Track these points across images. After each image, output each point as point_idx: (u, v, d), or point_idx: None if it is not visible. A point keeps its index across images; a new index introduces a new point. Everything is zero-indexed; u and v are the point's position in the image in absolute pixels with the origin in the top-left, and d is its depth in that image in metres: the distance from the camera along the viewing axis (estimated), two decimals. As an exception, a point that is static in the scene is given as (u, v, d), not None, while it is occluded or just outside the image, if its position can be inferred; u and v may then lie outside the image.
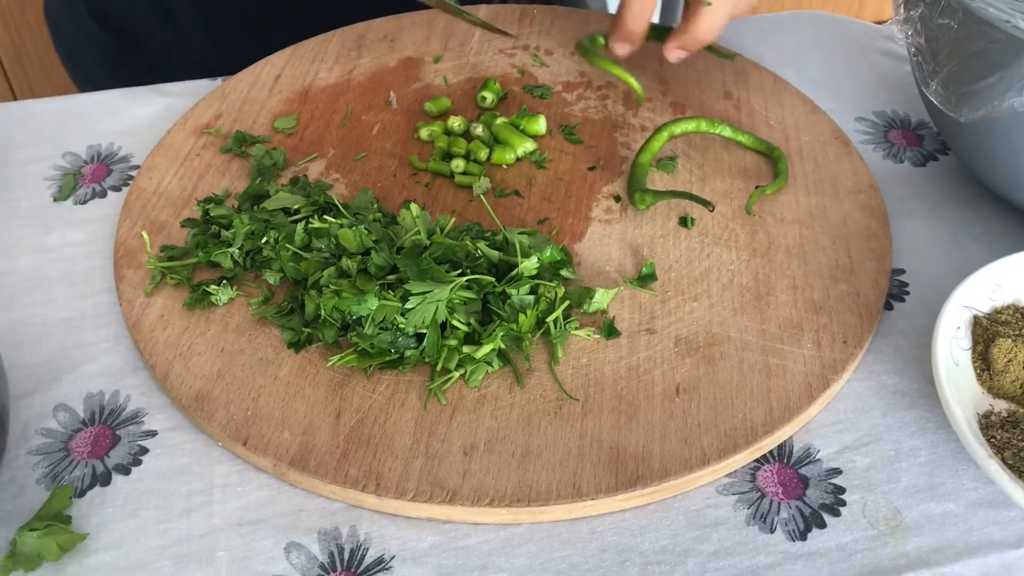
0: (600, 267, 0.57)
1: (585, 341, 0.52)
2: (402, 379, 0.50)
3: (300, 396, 0.50)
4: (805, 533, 0.46)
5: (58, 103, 0.72)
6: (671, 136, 0.63)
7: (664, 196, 0.59)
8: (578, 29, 0.76)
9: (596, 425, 0.48)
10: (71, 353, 0.54)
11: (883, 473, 0.48)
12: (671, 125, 0.63)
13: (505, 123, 0.65)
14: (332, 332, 0.51)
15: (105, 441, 0.49)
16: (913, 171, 0.66)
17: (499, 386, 0.50)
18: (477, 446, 0.48)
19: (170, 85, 0.73)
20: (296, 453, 0.47)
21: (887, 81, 0.73)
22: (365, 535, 0.46)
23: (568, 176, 0.63)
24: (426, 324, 0.49)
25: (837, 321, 0.53)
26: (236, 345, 0.52)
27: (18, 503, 0.47)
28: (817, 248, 0.58)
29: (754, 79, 0.71)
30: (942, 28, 0.54)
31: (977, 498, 0.47)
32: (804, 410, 0.49)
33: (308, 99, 0.69)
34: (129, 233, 0.59)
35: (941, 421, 0.50)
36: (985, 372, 0.50)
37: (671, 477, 0.46)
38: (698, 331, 0.53)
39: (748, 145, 0.64)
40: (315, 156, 0.64)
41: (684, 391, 0.50)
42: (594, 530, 0.46)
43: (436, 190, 0.62)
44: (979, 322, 0.51)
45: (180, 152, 0.64)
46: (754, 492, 0.47)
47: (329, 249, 0.54)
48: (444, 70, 0.72)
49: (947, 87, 0.54)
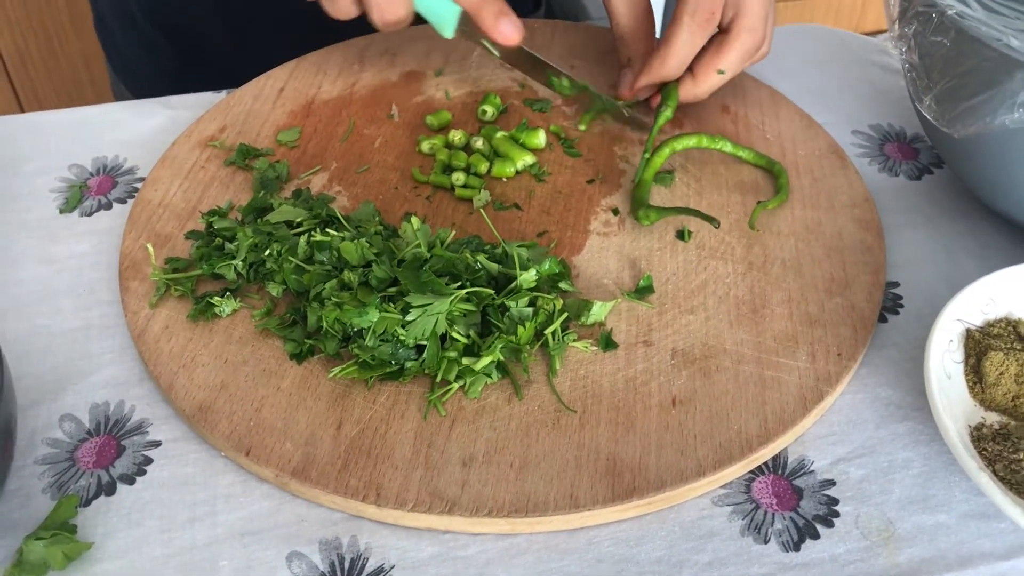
0: (598, 279, 0.58)
1: (583, 353, 0.53)
2: (402, 390, 0.51)
3: (302, 407, 0.50)
4: (799, 544, 0.46)
5: (65, 115, 0.73)
6: (672, 152, 0.64)
7: (668, 212, 0.60)
8: (579, 43, 0.77)
9: (593, 436, 0.49)
10: (77, 364, 0.54)
11: (876, 485, 0.49)
12: (672, 141, 0.64)
13: (505, 137, 0.66)
14: (334, 344, 0.52)
15: (110, 451, 0.50)
16: (908, 184, 0.66)
17: (498, 397, 0.51)
18: (476, 457, 0.48)
19: (174, 98, 0.74)
20: (298, 464, 0.48)
21: (883, 94, 0.74)
22: (365, 545, 0.46)
23: (567, 189, 0.64)
24: (426, 336, 0.50)
25: (832, 334, 0.54)
26: (239, 356, 0.53)
27: (24, 512, 0.48)
28: (812, 261, 0.59)
29: (751, 93, 0.72)
30: (935, 45, 0.54)
31: (969, 510, 0.48)
32: (799, 422, 0.50)
33: (311, 112, 0.70)
34: (134, 245, 0.60)
35: (934, 433, 0.51)
36: (977, 385, 0.50)
37: (667, 488, 0.47)
38: (694, 343, 0.54)
39: (749, 160, 0.65)
40: (318, 169, 0.65)
41: (680, 403, 0.51)
42: (591, 540, 0.47)
43: (437, 203, 0.63)
44: (972, 335, 0.52)
45: (184, 165, 0.65)
46: (749, 503, 0.48)
47: (331, 262, 0.54)
48: (445, 84, 0.73)
49: (940, 103, 0.55)
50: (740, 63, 0.65)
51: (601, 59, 0.75)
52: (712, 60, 0.64)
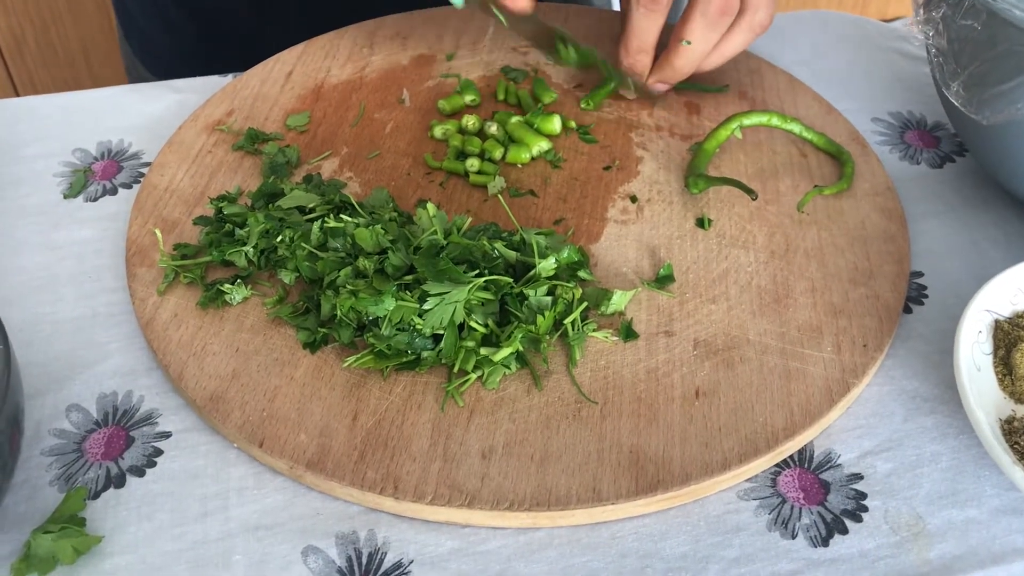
0: (617, 268, 0.56)
1: (603, 343, 0.52)
2: (419, 380, 0.50)
3: (316, 397, 0.49)
4: (827, 539, 0.45)
5: (67, 99, 0.71)
6: (740, 127, 0.63)
7: (715, 182, 0.59)
8: (591, 27, 0.75)
9: (615, 428, 0.48)
10: (83, 352, 0.53)
11: (905, 479, 0.48)
12: (741, 116, 0.63)
13: (520, 122, 0.65)
14: (348, 333, 0.50)
15: (119, 442, 0.49)
16: (930, 173, 0.65)
17: (517, 388, 0.50)
18: (495, 449, 0.47)
19: (180, 81, 0.72)
20: (313, 455, 0.47)
21: (903, 81, 0.73)
22: (383, 539, 0.45)
23: (583, 176, 0.63)
24: (444, 325, 0.49)
25: (856, 324, 0.53)
26: (251, 345, 0.52)
27: (32, 505, 0.46)
28: (835, 250, 0.57)
29: (769, 79, 0.71)
30: (965, 29, 0.53)
31: (1000, 505, 0.47)
32: (825, 414, 0.49)
33: (320, 96, 0.68)
34: (141, 231, 0.58)
35: (962, 426, 0.50)
36: (1007, 377, 0.49)
37: (692, 482, 0.46)
38: (717, 333, 0.53)
39: (818, 145, 0.64)
40: (328, 154, 0.64)
41: (704, 395, 0.50)
42: (614, 535, 0.45)
43: (450, 189, 0.62)
44: (1000, 326, 0.51)
45: (192, 149, 0.64)
46: (775, 497, 0.47)
47: (345, 249, 0.53)
48: (457, 67, 0.71)
49: (969, 89, 0.54)
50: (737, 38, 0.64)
51: (614, 43, 0.73)
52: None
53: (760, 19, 0.63)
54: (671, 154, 0.64)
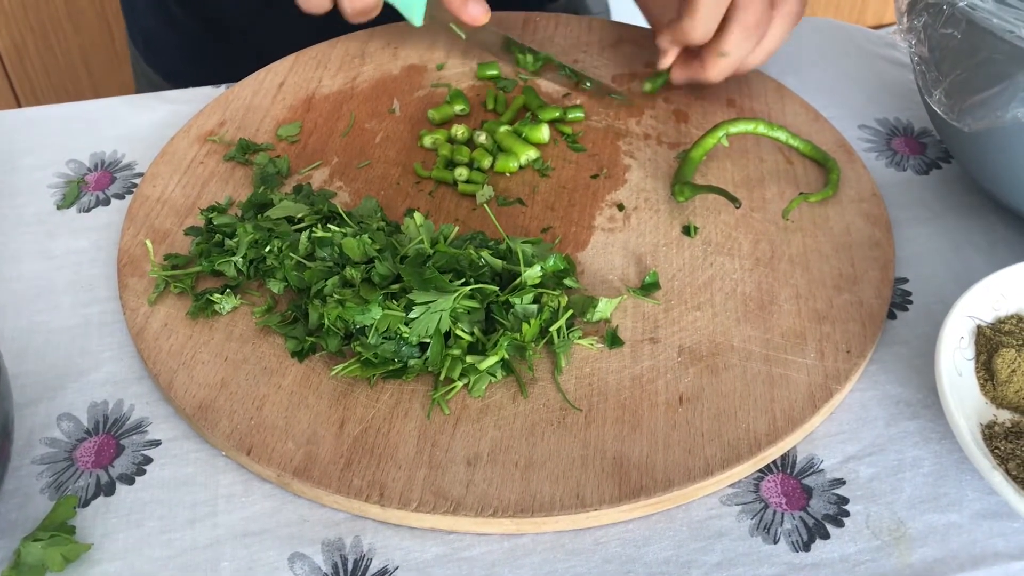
0: (603, 276, 0.57)
1: (588, 351, 0.52)
2: (405, 388, 0.50)
3: (304, 405, 0.50)
4: (809, 544, 0.46)
5: (62, 110, 0.72)
6: (727, 135, 0.63)
7: (701, 190, 0.60)
8: (581, 36, 0.76)
9: (599, 435, 0.48)
10: (75, 361, 0.54)
11: (887, 484, 0.48)
12: (728, 124, 0.63)
13: (508, 131, 0.65)
14: (336, 341, 0.51)
15: (109, 451, 0.49)
16: (916, 179, 0.66)
17: (502, 396, 0.50)
18: (480, 456, 0.48)
19: (173, 92, 0.73)
20: (300, 463, 0.47)
21: (890, 88, 0.73)
22: (369, 546, 0.46)
23: (571, 184, 0.63)
24: (430, 334, 0.49)
25: (840, 330, 0.54)
26: (240, 354, 0.52)
27: (22, 513, 0.47)
28: (820, 257, 0.58)
29: (756, 86, 0.71)
30: (945, 38, 0.54)
31: (981, 509, 0.47)
32: (807, 420, 0.49)
33: (312, 107, 0.69)
34: (133, 241, 0.59)
35: (944, 431, 0.50)
36: (989, 383, 0.50)
37: (674, 487, 0.46)
38: (701, 340, 0.53)
39: (804, 152, 0.64)
40: (319, 164, 0.64)
41: (687, 401, 0.50)
42: (598, 541, 0.46)
43: (439, 198, 0.62)
44: (983, 332, 0.51)
45: (183, 160, 0.65)
46: (757, 503, 0.47)
47: (332, 258, 0.54)
48: (448, 77, 0.72)
49: (950, 97, 0.54)
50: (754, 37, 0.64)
51: (603, 52, 0.74)
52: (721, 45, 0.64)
53: (791, 8, 0.63)
54: (658, 162, 0.65)
